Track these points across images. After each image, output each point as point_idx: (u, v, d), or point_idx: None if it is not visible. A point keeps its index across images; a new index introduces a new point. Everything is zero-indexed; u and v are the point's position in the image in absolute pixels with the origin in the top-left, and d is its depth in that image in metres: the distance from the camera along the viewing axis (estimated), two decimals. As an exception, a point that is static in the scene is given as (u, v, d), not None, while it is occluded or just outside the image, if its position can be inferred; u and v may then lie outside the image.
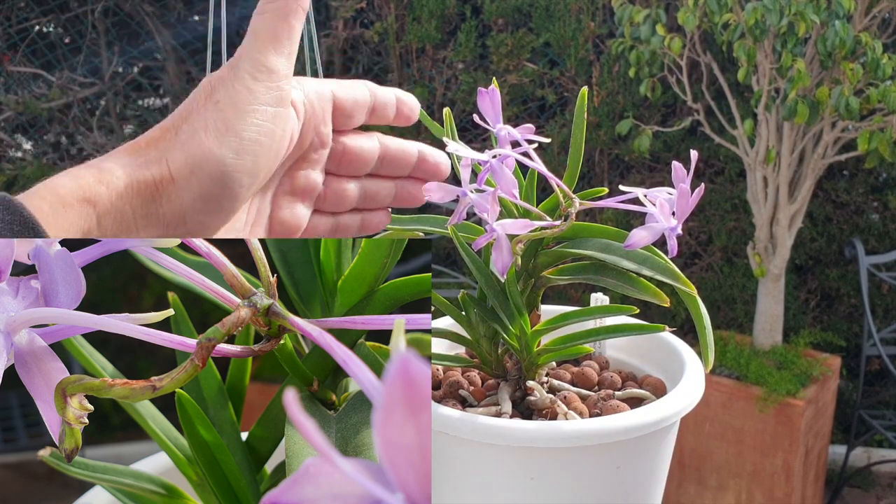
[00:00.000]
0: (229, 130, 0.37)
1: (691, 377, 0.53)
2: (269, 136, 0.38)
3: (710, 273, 2.51)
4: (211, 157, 0.36)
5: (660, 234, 0.44)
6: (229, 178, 0.37)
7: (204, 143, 0.36)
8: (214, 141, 0.36)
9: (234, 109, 0.37)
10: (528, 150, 0.46)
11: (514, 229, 0.44)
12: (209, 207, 0.37)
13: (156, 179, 0.36)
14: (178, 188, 0.36)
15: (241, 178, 0.37)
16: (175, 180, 0.36)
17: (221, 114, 0.37)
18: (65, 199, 0.34)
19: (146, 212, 0.36)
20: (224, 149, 0.36)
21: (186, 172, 0.36)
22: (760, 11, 1.68)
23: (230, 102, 0.37)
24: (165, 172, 0.36)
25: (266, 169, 0.39)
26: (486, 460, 0.48)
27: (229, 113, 0.37)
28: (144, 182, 0.36)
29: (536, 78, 2.51)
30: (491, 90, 0.47)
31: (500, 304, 0.51)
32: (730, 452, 2.00)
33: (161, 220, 0.36)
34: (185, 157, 0.36)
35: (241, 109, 0.37)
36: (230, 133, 0.37)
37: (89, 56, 2.71)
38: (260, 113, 0.37)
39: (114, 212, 0.35)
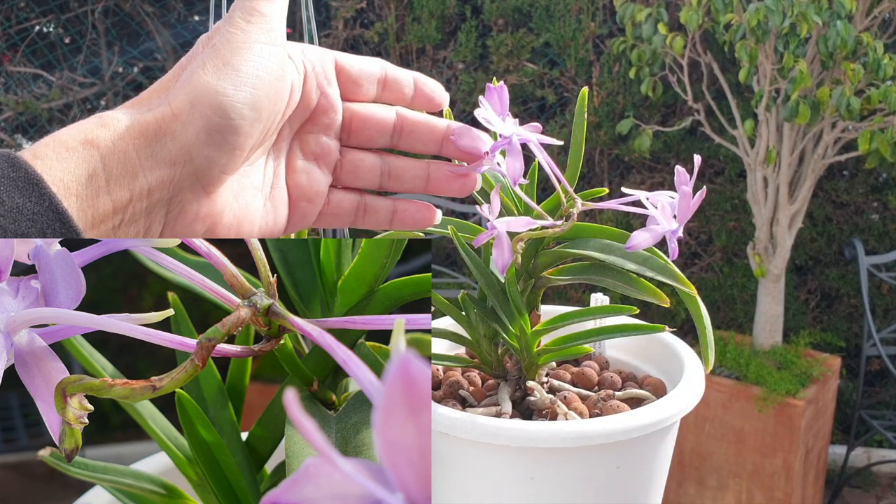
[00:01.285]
0: (227, 65, 0.37)
1: (691, 377, 0.53)
2: (267, 72, 0.38)
3: (710, 273, 2.51)
4: (210, 89, 0.37)
5: (661, 237, 0.44)
6: (229, 107, 0.37)
7: (202, 78, 0.37)
8: (213, 75, 0.37)
9: (229, 47, 0.38)
10: (536, 147, 0.46)
11: (516, 227, 0.44)
12: (213, 139, 0.37)
13: (157, 118, 0.36)
14: (181, 123, 0.36)
15: (241, 109, 0.37)
16: (176, 116, 0.36)
17: (218, 52, 0.38)
18: (67, 143, 0.34)
19: (150, 151, 0.36)
20: (222, 80, 0.37)
21: (187, 107, 0.36)
22: (763, 12, 1.68)
23: (225, 42, 0.38)
24: (167, 111, 0.37)
25: (268, 106, 0.39)
26: (486, 460, 0.48)
27: (225, 50, 0.38)
28: (146, 122, 0.36)
29: (536, 78, 2.51)
30: (500, 87, 0.46)
31: (500, 304, 0.51)
32: (730, 452, 2.00)
33: (166, 159, 0.36)
34: (185, 94, 0.37)
35: (236, 47, 0.38)
36: (228, 67, 0.37)
37: (89, 56, 2.71)
38: (256, 50, 0.38)
39: (117, 153, 0.35)
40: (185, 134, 0.37)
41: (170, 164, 0.37)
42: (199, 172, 0.37)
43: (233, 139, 0.38)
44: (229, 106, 0.37)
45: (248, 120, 0.38)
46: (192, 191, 0.38)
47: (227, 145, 0.37)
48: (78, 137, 0.35)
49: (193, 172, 0.37)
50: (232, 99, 0.37)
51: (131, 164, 0.35)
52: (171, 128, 0.36)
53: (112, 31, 2.71)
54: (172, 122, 0.36)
